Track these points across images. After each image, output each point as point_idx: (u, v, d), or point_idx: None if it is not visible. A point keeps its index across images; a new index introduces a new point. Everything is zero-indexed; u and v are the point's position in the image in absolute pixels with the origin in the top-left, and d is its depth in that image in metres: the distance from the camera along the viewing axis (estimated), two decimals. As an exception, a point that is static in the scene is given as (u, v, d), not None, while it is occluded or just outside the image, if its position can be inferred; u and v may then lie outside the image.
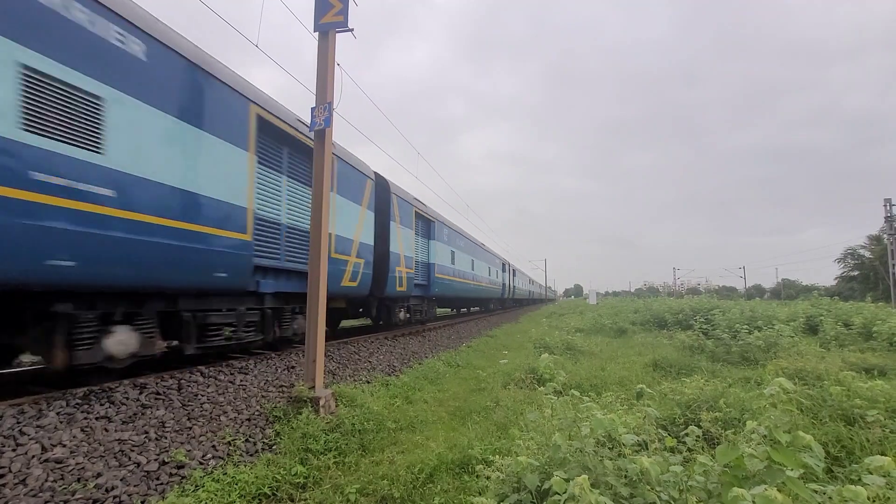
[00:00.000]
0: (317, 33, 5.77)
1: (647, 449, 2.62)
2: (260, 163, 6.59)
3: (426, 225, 15.43)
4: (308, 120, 5.93)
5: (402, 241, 12.49)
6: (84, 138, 4.02)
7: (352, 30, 5.75)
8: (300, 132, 7.35)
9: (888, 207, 31.28)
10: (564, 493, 1.88)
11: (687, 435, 2.80)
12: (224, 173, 5.64)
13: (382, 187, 11.65)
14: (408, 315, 14.06)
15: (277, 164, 7.20)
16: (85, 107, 4.04)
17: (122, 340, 4.73)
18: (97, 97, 4.15)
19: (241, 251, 5.89)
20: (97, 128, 4.15)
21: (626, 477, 2.23)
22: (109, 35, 4.29)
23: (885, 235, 35.86)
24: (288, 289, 7.28)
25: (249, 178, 6.10)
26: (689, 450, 2.76)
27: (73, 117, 3.93)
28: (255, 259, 6.29)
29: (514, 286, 40.71)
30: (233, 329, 6.35)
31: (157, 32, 4.81)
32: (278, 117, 6.84)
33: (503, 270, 33.55)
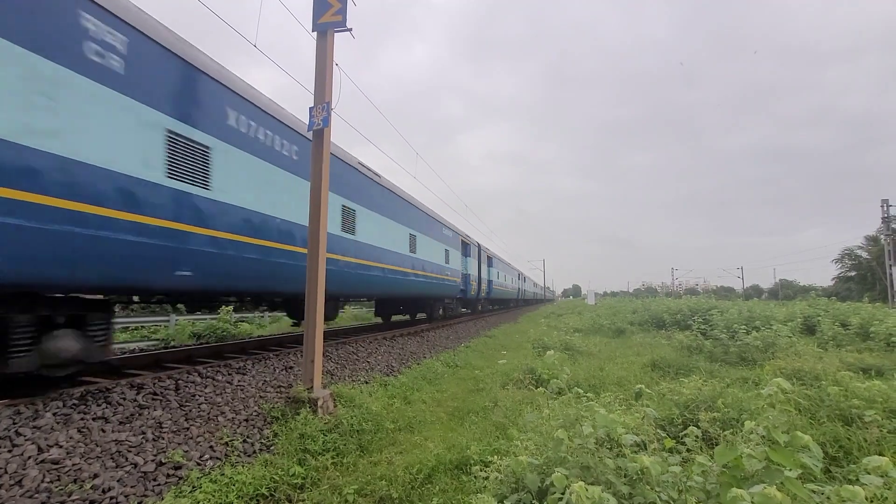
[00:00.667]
0: (315, 33, 5.76)
1: (646, 449, 2.62)
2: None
3: (489, 260, 27.49)
4: (307, 120, 5.93)
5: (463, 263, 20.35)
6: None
7: (350, 29, 5.74)
8: (358, 169, 9.69)
9: (885, 208, 31.39)
10: (565, 490, 1.87)
11: (686, 436, 2.79)
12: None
13: (476, 246, 21.48)
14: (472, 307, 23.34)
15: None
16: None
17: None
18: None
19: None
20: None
21: (625, 476, 2.23)
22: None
23: (882, 236, 35.97)
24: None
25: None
26: (689, 450, 2.76)
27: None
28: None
29: (522, 290, 39.41)
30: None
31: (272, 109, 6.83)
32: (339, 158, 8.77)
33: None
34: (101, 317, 4.80)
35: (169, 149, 4.89)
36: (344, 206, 8.79)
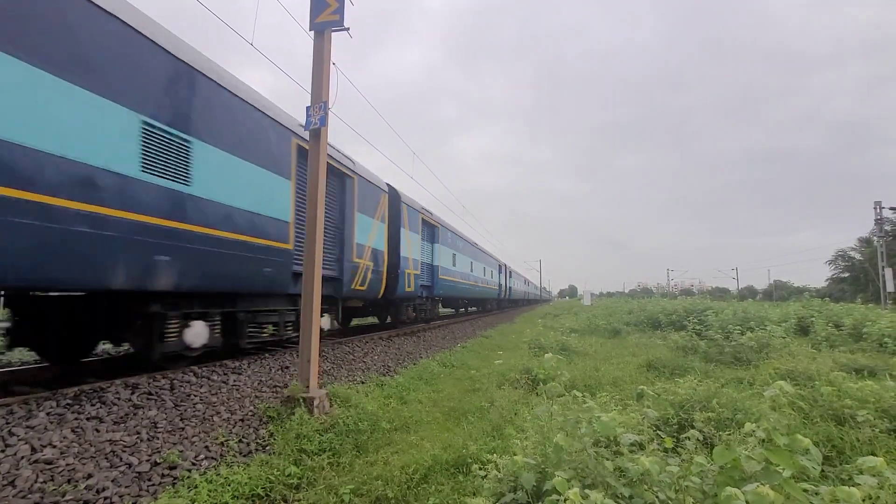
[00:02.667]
0: (312, 32, 5.74)
1: (644, 449, 2.63)
2: (299, 187, 7.62)
3: (431, 230, 16.46)
4: (304, 120, 5.89)
5: (410, 245, 13.54)
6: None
7: (347, 29, 5.72)
8: (333, 158, 8.62)
9: (878, 210, 31.65)
10: (565, 493, 1.88)
11: (688, 438, 2.81)
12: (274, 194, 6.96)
13: (394, 197, 12.82)
14: (414, 314, 14.93)
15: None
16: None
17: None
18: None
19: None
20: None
21: (624, 477, 2.23)
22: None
23: (875, 238, 36.29)
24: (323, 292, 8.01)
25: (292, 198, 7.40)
26: (686, 450, 2.77)
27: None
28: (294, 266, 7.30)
29: (510, 287, 40.45)
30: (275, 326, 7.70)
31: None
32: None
33: (500, 272, 33.57)
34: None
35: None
36: (454, 254, 13.31)
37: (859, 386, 4.56)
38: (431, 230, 16.45)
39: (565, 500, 1.82)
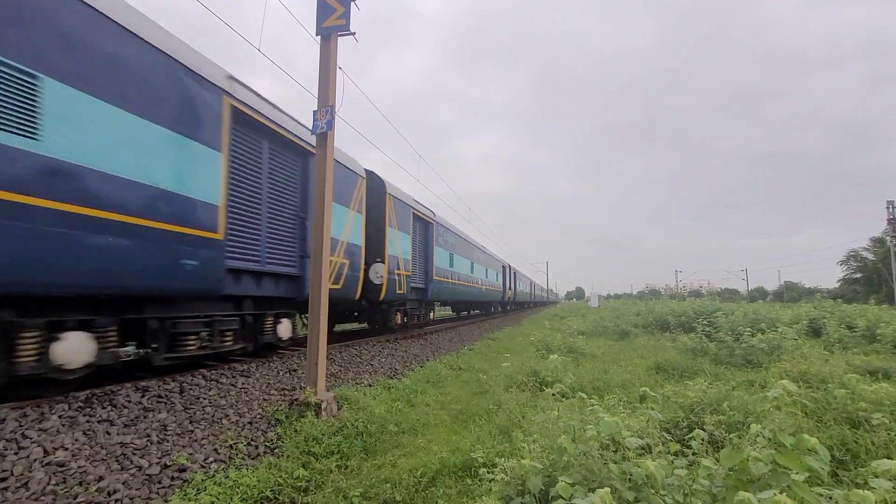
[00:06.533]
0: (319, 37, 5.79)
1: (651, 452, 2.60)
2: (235, 162, 6.17)
3: (424, 226, 14.88)
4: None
5: (400, 242, 11.92)
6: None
7: (353, 33, 5.77)
8: (284, 128, 6.98)
9: (891, 210, 31.16)
10: (570, 498, 1.87)
11: (692, 439, 2.78)
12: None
13: (376, 186, 10.99)
14: (405, 319, 13.38)
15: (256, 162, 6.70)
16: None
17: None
18: None
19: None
20: None
21: (630, 481, 2.22)
22: None
23: (888, 238, 35.72)
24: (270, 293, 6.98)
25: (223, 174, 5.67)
26: (695, 453, 2.74)
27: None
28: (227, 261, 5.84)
29: (515, 289, 38.66)
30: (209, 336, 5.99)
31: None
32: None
33: (504, 273, 32.18)
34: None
35: None
36: (450, 254, 10.98)
37: (874, 388, 4.48)
38: (425, 227, 14.89)
39: None
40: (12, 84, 3.63)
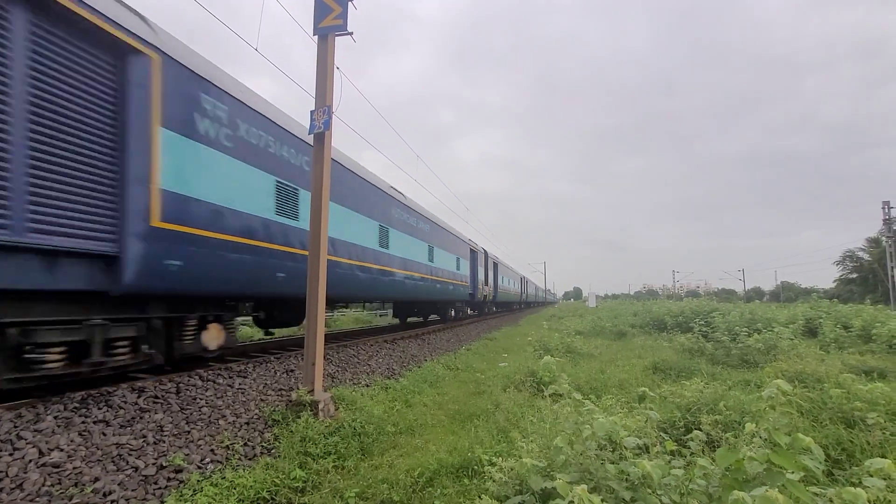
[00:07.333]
0: (316, 37, 5.78)
1: (648, 452, 2.61)
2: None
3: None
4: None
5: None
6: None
7: (351, 33, 5.76)
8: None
9: (886, 210, 31.33)
10: (568, 496, 1.87)
11: (691, 440, 2.79)
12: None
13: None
14: None
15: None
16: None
17: None
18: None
19: None
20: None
21: (627, 480, 2.22)
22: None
23: (883, 238, 35.92)
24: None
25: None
26: (692, 453, 2.75)
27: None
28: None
29: (496, 284, 28.56)
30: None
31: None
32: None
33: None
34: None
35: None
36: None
37: (869, 388, 4.50)
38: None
39: (570, 503, 1.81)
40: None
